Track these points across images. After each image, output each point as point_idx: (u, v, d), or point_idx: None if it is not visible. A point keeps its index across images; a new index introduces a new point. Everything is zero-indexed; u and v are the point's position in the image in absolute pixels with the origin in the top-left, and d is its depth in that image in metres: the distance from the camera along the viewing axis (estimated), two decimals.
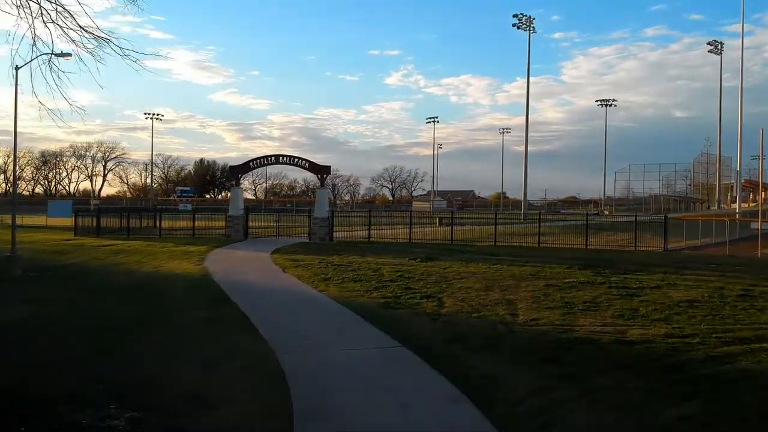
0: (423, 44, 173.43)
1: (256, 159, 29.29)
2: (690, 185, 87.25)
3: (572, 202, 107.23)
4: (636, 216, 29.18)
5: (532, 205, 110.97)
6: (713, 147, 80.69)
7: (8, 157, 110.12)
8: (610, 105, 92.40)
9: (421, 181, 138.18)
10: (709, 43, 75.03)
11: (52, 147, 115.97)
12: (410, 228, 27.46)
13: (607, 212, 74.35)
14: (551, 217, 43.17)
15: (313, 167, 28.90)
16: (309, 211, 29.33)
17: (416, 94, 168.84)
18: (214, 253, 22.51)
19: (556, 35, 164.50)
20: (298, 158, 28.96)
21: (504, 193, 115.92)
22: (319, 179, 28.72)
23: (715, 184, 79.73)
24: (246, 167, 29.53)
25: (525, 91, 68.12)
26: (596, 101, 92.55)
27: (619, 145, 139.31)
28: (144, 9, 8.99)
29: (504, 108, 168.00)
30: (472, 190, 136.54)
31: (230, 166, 29.97)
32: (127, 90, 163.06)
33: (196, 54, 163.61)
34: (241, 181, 30.55)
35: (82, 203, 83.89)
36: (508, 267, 18.04)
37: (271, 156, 29.18)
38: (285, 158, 28.97)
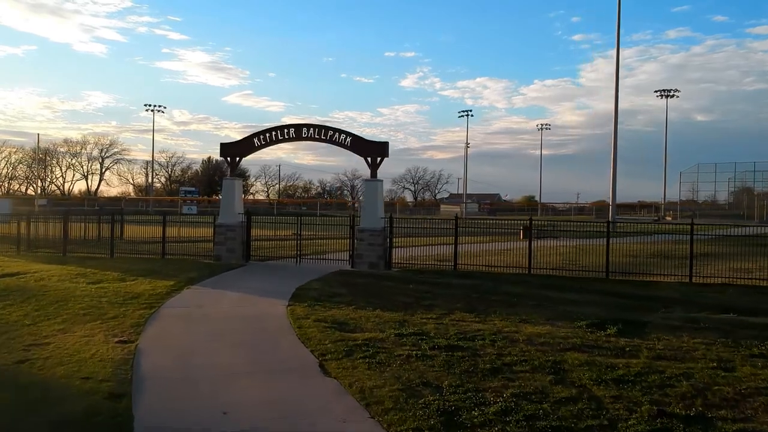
0: (440, 45, 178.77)
1: (263, 132, 19.45)
2: None
3: (605, 206, 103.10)
4: None
5: (559, 210, 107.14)
6: None
7: None
8: (672, 95, 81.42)
9: (446, 183, 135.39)
10: None
11: (46, 144, 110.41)
12: (530, 244, 17.09)
13: (669, 218, 67.86)
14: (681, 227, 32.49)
15: (357, 145, 18.91)
16: (351, 218, 19.27)
17: (432, 97, 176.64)
18: (178, 299, 12.69)
19: (576, 37, 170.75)
20: (335, 131, 18.99)
21: (533, 197, 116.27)
22: (368, 165, 18.69)
23: None
24: (247, 145, 19.66)
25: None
26: (655, 92, 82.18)
27: (637, 149, 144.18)
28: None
29: (521, 111, 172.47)
30: (498, 193, 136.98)
31: (222, 145, 20.13)
32: (143, 92, 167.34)
33: (212, 55, 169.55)
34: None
35: (73, 205, 76.75)
36: None
37: (288, 127, 19.21)
38: (313, 130, 18.97)
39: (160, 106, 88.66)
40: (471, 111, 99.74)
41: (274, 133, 19.33)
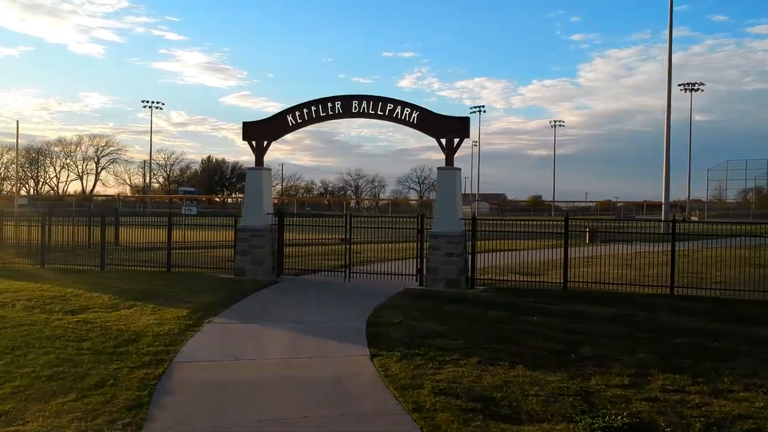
0: (438, 46, 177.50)
1: (300, 108, 15.02)
2: None
3: (613, 206, 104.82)
4: None
5: (563, 210, 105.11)
6: None
7: None
8: (696, 89, 76.20)
9: None
10: None
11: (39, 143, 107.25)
12: (673, 254, 12.75)
13: (695, 218, 64.95)
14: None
15: (426, 122, 14.60)
16: (419, 219, 14.91)
17: (430, 97, 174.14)
18: (197, 343, 8.51)
19: (575, 37, 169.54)
20: (396, 103, 14.55)
21: (540, 197, 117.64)
22: (441, 148, 14.43)
23: None
24: (279, 125, 15.34)
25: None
26: (679, 85, 76.12)
27: (639, 150, 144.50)
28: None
29: (520, 111, 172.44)
30: (503, 194, 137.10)
31: (245, 125, 15.97)
32: (140, 93, 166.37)
33: (210, 56, 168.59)
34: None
35: (61, 205, 72.92)
36: None
37: (333, 100, 14.79)
38: (366, 104, 14.54)
39: (157, 103, 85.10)
40: (483, 107, 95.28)
41: (314, 108, 15.13)
